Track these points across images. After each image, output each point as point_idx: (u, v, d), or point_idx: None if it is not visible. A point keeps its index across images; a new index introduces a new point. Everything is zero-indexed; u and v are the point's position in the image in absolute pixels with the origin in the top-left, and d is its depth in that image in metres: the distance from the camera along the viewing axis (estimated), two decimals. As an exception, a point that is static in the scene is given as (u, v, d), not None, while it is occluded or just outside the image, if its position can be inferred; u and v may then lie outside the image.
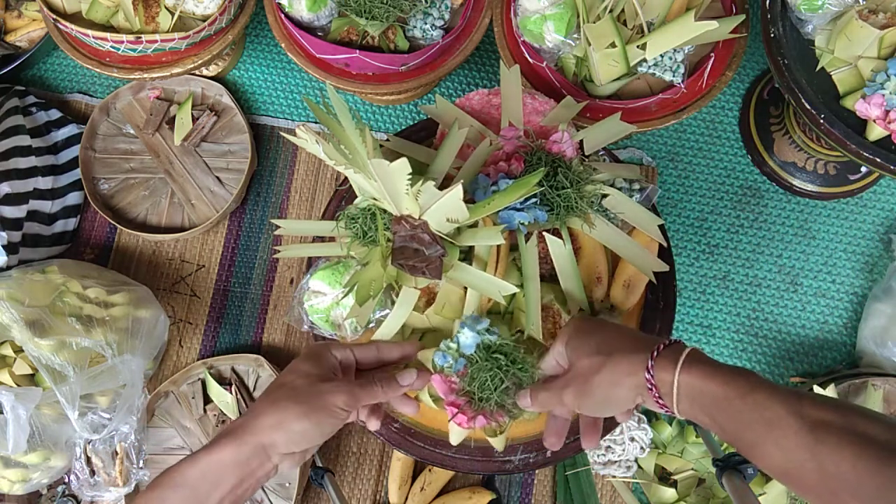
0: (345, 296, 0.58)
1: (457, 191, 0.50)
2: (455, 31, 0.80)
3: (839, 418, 0.39)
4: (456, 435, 0.61)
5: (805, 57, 0.70)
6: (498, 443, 0.61)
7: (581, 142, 0.64)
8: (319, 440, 0.51)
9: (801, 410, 0.40)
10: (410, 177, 0.48)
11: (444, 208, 0.52)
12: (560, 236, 0.62)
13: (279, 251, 0.68)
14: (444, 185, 0.58)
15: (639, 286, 0.66)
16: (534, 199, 0.58)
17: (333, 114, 0.56)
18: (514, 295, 0.60)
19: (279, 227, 0.68)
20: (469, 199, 0.58)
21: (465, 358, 0.56)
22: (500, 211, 0.57)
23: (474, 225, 0.58)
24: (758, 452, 0.42)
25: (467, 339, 0.56)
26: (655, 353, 0.46)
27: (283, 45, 0.82)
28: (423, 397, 0.62)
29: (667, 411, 0.46)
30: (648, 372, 0.46)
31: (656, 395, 0.46)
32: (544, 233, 0.61)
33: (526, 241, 0.61)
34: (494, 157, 0.62)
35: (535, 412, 0.60)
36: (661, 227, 0.64)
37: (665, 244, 0.66)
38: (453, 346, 0.57)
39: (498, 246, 0.59)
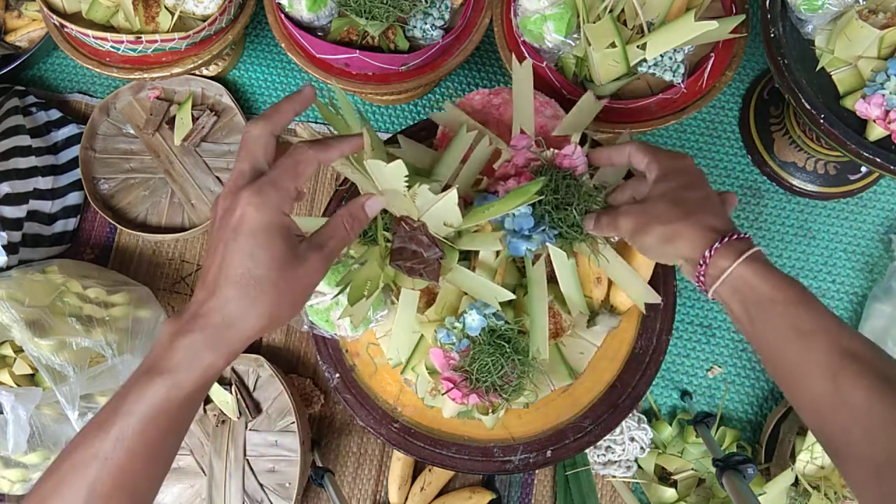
0: (338, 294, 0.58)
1: (452, 196, 0.50)
2: (455, 31, 0.80)
3: (870, 354, 0.42)
4: (449, 409, 0.62)
5: (805, 57, 0.70)
6: (489, 421, 0.62)
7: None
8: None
9: (837, 337, 0.43)
10: (408, 179, 0.48)
11: (440, 212, 0.52)
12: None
13: None
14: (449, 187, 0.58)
15: (639, 286, 0.66)
16: (543, 227, 0.57)
17: (339, 113, 0.55)
18: (514, 290, 0.60)
19: None
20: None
21: (469, 339, 0.57)
22: (509, 240, 0.57)
23: (477, 230, 0.58)
24: (776, 352, 0.46)
25: (474, 321, 0.56)
26: (725, 239, 0.48)
27: (283, 45, 0.82)
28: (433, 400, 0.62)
29: (699, 287, 0.50)
30: (710, 251, 0.48)
31: (701, 274, 0.49)
32: (548, 243, 0.60)
33: (533, 264, 0.60)
34: (504, 171, 0.61)
35: (528, 399, 0.60)
36: None
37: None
38: (458, 325, 0.57)
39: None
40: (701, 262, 0.48)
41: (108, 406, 0.42)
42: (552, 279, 0.64)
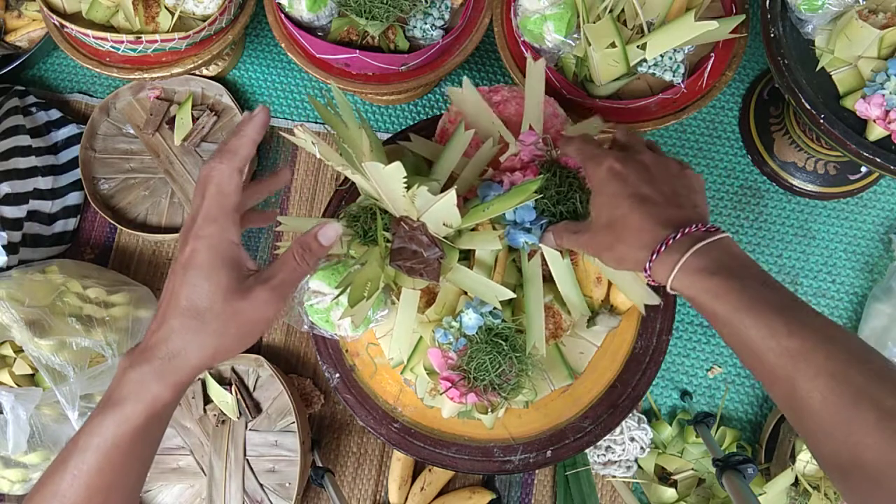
0: (339, 295, 0.58)
1: (450, 196, 0.50)
2: (455, 31, 0.80)
3: (820, 349, 0.41)
4: (448, 409, 0.62)
5: (805, 57, 0.70)
6: (488, 421, 0.62)
7: None
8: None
9: (786, 338, 0.41)
10: (406, 179, 0.48)
11: (439, 212, 0.52)
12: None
13: (280, 247, 0.69)
14: (450, 184, 0.58)
15: (639, 286, 0.66)
16: (545, 221, 0.58)
17: (338, 113, 0.56)
18: (514, 290, 0.60)
19: (281, 223, 0.68)
20: (479, 204, 0.58)
21: (466, 338, 0.57)
22: (509, 231, 0.57)
23: (476, 228, 0.58)
24: (739, 358, 0.45)
25: (471, 319, 0.56)
26: (654, 257, 0.47)
27: (283, 45, 0.82)
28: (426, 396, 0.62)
29: None
30: (646, 271, 0.48)
31: (654, 284, 0.49)
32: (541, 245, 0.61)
33: (529, 259, 0.60)
34: (510, 164, 0.61)
35: (527, 397, 0.60)
36: None
37: None
38: (455, 324, 0.57)
39: (497, 246, 0.59)
40: (647, 279, 0.49)
41: (71, 441, 0.42)
42: (552, 279, 0.64)
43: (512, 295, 0.57)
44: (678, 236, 0.46)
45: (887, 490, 0.37)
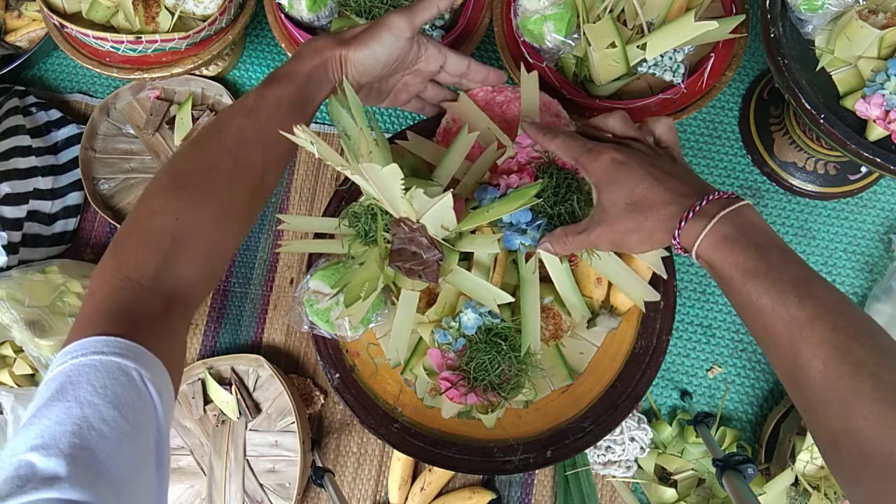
0: (336, 293, 0.59)
1: (446, 199, 0.50)
2: (455, 30, 0.79)
3: (826, 321, 0.42)
4: (447, 409, 0.62)
5: (805, 57, 0.70)
6: (488, 420, 0.62)
7: None
8: (383, 61, 0.61)
9: (795, 308, 0.43)
10: (403, 181, 0.48)
11: (437, 215, 0.52)
12: None
13: (281, 245, 0.69)
14: (451, 188, 0.58)
15: (639, 286, 0.66)
16: (541, 222, 0.58)
17: (350, 111, 0.56)
18: (514, 292, 0.60)
19: (283, 221, 0.69)
20: (477, 206, 0.58)
21: (466, 338, 0.57)
22: (505, 232, 0.57)
23: (476, 230, 0.58)
24: (748, 325, 0.47)
25: (470, 320, 0.57)
26: (683, 224, 0.49)
27: (283, 45, 0.82)
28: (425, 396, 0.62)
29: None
30: (675, 238, 0.50)
31: (681, 251, 0.51)
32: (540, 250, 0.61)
33: (527, 261, 0.60)
34: (507, 166, 0.61)
35: (527, 396, 0.60)
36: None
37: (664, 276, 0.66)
38: (455, 325, 0.57)
39: (498, 247, 0.59)
40: (675, 246, 0.50)
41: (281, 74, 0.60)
42: (552, 280, 0.64)
43: (510, 298, 0.57)
44: (703, 203, 0.48)
45: (876, 460, 0.38)
